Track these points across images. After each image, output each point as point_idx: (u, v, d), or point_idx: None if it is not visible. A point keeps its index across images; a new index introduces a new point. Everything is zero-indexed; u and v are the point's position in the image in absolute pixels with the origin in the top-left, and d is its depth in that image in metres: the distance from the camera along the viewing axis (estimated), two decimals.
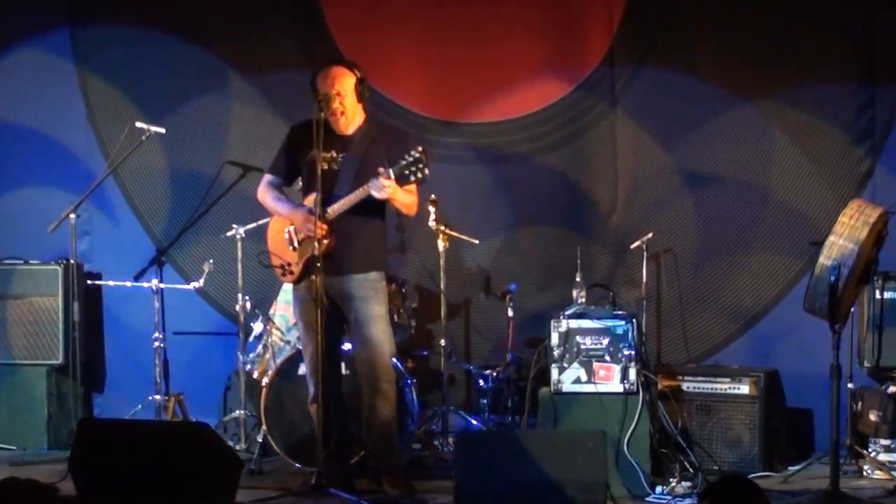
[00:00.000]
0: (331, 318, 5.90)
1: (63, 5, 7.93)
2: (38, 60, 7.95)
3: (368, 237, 5.96)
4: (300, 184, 6.14)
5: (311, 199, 5.87)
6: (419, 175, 5.69)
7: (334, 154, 5.92)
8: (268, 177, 6.17)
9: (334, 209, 5.83)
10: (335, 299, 5.94)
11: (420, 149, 5.69)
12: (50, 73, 7.95)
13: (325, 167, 5.88)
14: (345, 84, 5.90)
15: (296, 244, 5.95)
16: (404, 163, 5.67)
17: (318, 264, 5.74)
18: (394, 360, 6.10)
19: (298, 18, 7.72)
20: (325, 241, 5.79)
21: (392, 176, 5.67)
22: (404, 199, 5.88)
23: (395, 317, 6.55)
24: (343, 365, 6.18)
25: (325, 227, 5.79)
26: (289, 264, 5.99)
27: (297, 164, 6.04)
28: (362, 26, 7.65)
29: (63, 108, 7.92)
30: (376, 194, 5.73)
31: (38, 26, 7.98)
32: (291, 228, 5.97)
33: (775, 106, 7.19)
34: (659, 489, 5.91)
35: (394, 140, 5.99)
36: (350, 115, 5.93)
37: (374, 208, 5.90)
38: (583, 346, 6.08)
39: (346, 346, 6.20)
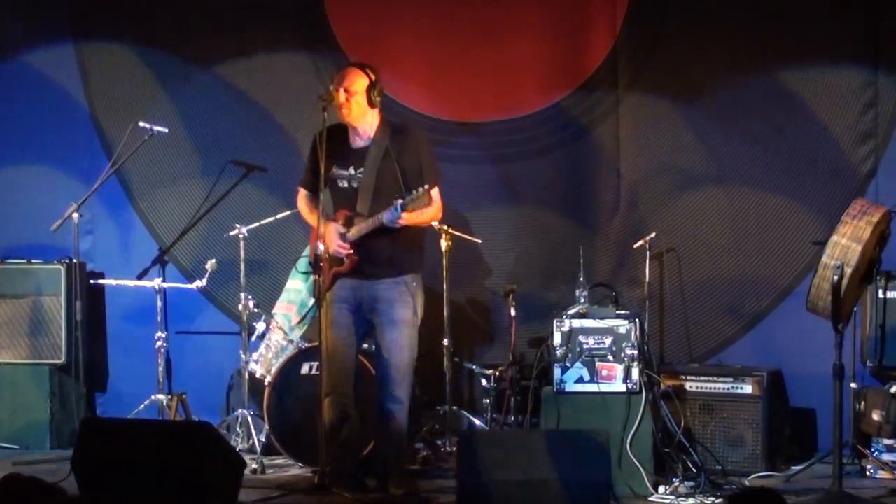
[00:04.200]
0: (354, 319, 6.00)
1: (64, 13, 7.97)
2: (41, 59, 7.96)
3: (399, 241, 5.95)
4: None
5: (340, 215, 5.95)
6: (425, 209, 5.84)
7: (352, 171, 5.95)
8: (301, 190, 6.19)
9: (352, 234, 5.90)
10: (363, 301, 5.98)
11: (426, 187, 5.73)
12: (53, 71, 7.96)
13: (345, 185, 5.95)
14: (355, 83, 5.91)
15: (326, 256, 6.00)
16: (410, 198, 5.73)
17: (321, 263, 5.83)
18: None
19: (301, 21, 7.72)
20: (349, 260, 5.90)
21: (401, 212, 5.73)
22: (419, 219, 5.93)
23: None
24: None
25: (345, 246, 5.90)
26: (321, 263, 6.03)
27: (320, 176, 6.04)
28: (366, 27, 7.65)
29: (66, 106, 7.92)
30: (390, 225, 5.79)
31: (41, 27, 8.00)
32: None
33: (778, 105, 7.18)
34: (662, 489, 5.91)
35: (403, 147, 5.96)
36: (356, 115, 5.93)
37: None
38: (585, 346, 6.08)
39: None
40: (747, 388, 6.45)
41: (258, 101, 7.77)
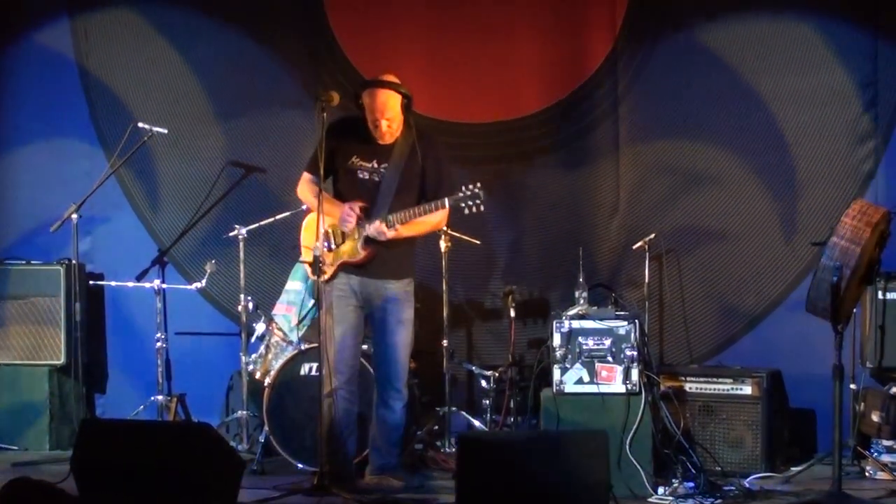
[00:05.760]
0: (360, 317, 6.09)
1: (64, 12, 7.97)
2: (40, 59, 7.95)
3: (406, 245, 6.09)
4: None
5: (357, 205, 5.95)
6: (474, 210, 5.81)
7: (376, 164, 5.98)
8: (306, 175, 6.16)
9: (397, 218, 5.92)
10: (370, 299, 6.05)
11: (479, 185, 5.78)
12: (52, 71, 7.95)
13: (367, 177, 5.99)
14: (393, 109, 5.95)
15: (332, 245, 6.00)
16: (461, 195, 5.79)
17: (321, 264, 5.84)
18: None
19: (301, 19, 7.71)
20: (365, 252, 5.95)
21: (447, 206, 5.80)
22: (418, 231, 6.03)
23: None
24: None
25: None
26: (322, 262, 6.03)
27: (333, 163, 6.06)
28: (365, 26, 7.66)
29: (65, 107, 7.92)
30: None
31: (40, 25, 7.99)
32: (330, 230, 6.00)
33: (778, 106, 7.18)
34: (661, 490, 5.91)
35: (428, 151, 6.04)
36: (395, 133, 6.00)
37: None
38: (585, 347, 6.08)
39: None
40: (747, 389, 6.45)
41: (257, 100, 7.76)
